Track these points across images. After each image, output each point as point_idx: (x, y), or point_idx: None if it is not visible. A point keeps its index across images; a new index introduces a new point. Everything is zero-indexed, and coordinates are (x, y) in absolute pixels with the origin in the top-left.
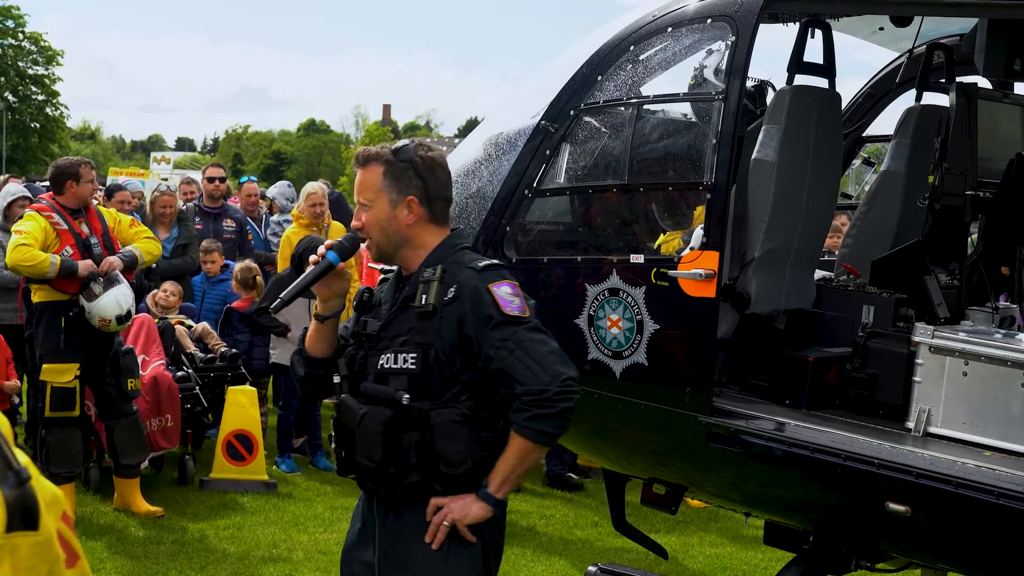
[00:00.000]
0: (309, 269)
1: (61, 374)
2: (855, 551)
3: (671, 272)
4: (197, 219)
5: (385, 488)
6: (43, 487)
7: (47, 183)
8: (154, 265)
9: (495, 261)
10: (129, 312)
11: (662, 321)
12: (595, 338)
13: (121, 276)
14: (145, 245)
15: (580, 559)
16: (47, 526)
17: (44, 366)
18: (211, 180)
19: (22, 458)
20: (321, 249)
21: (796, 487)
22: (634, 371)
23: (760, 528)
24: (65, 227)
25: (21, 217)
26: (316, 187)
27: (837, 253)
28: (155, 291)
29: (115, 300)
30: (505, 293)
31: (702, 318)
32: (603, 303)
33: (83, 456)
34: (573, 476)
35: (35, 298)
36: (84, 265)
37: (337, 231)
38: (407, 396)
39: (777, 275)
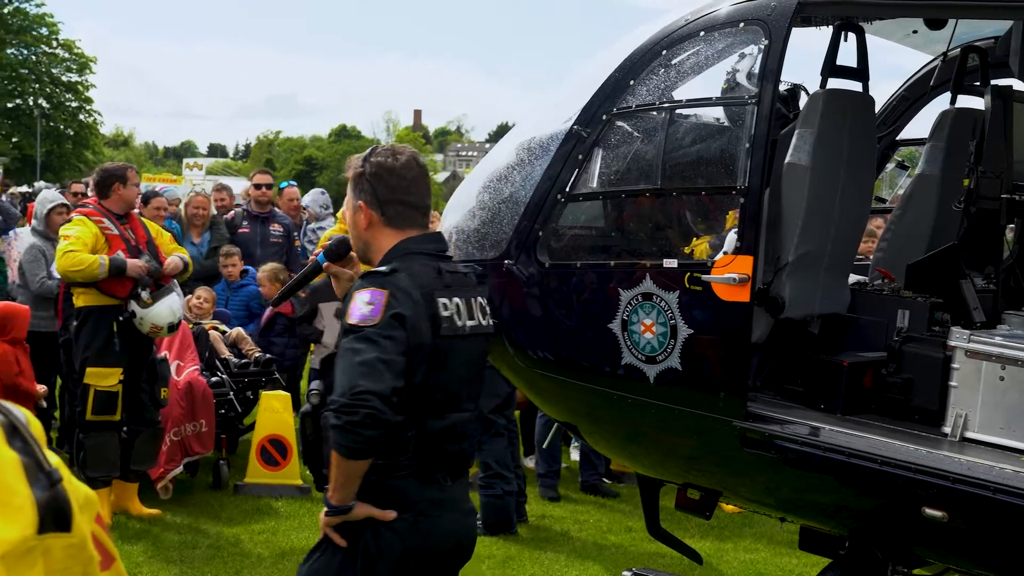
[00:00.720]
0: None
1: (105, 378)
2: (891, 557)
3: (705, 277)
4: (245, 223)
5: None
6: (76, 489)
7: (81, 187)
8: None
9: (384, 268)
10: (180, 320)
11: (696, 326)
12: (629, 343)
13: (175, 283)
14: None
15: (614, 564)
16: (80, 528)
17: (88, 369)
18: (258, 187)
19: (54, 460)
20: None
21: (831, 492)
22: (668, 376)
23: (795, 533)
24: (115, 232)
25: (66, 222)
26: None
27: (872, 257)
28: (189, 297)
29: (168, 308)
30: (360, 301)
31: (736, 323)
32: (637, 308)
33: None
34: (607, 481)
35: (79, 302)
36: (133, 264)
37: None
38: (314, 400)
39: (811, 279)
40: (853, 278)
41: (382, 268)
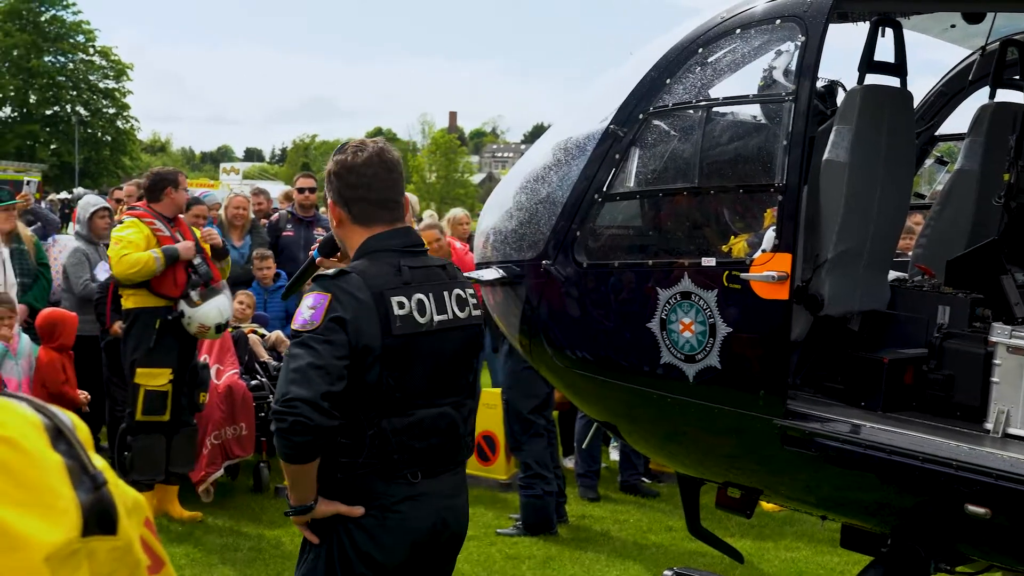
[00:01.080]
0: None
1: (155, 378)
2: (934, 554)
3: (743, 275)
4: (289, 226)
5: None
6: (124, 493)
7: (122, 194)
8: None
9: (332, 271)
10: (228, 322)
11: (735, 324)
12: (668, 342)
13: (225, 285)
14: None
15: (655, 564)
16: (126, 531)
17: (138, 370)
18: (301, 191)
19: (99, 463)
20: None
21: (873, 490)
22: (707, 374)
23: (837, 531)
24: (167, 234)
25: (117, 224)
26: (433, 220)
27: (911, 253)
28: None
29: (217, 308)
30: (304, 305)
31: (775, 321)
32: (675, 307)
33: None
34: (646, 481)
35: (127, 303)
36: (183, 247)
37: None
38: None
39: (850, 276)
40: (893, 274)
41: (331, 270)
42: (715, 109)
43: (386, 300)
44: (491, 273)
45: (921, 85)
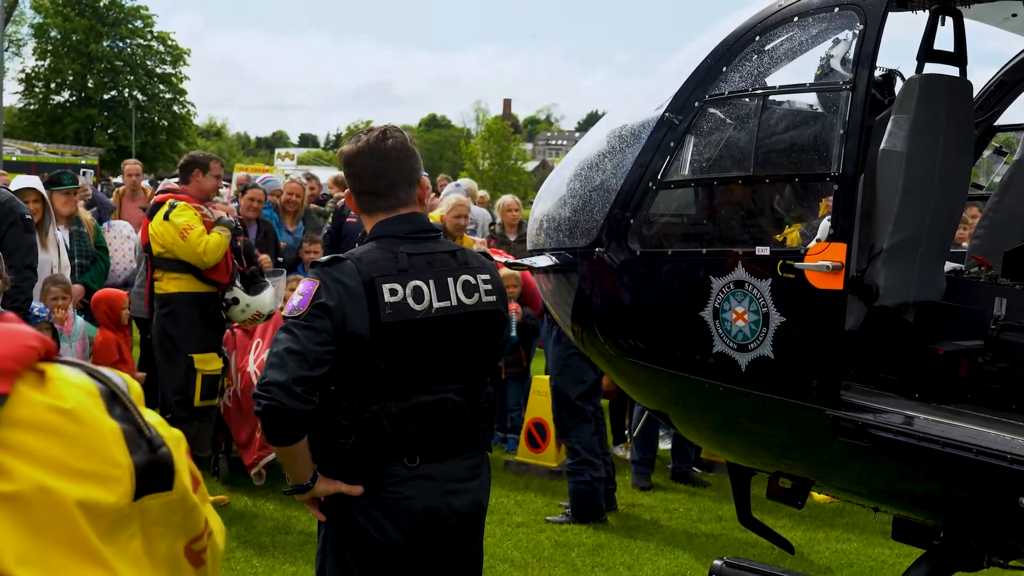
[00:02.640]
0: None
1: (209, 362)
2: (987, 548)
3: (797, 264)
4: (353, 212)
5: None
6: (168, 432)
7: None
8: (280, 258)
9: (325, 258)
10: (268, 313)
11: (788, 314)
12: (720, 331)
13: (275, 275)
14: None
15: (704, 553)
16: (182, 482)
17: (195, 356)
18: None
19: (153, 420)
20: None
21: (926, 482)
22: (760, 364)
23: (888, 523)
24: (212, 218)
25: (170, 210)
26: (462, 199)
27: (968, 244)
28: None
29: (272, 296)
30: (296, 291)
31: (829, 311)
32: (728, 296)
33: (212, 447)
34: (696, 470)
35: (170, 288)
36: (223, 208)
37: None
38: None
39: (906, 267)
40: (949, 266)
41: (324, 258)
42: (771, 98)
43: (376, 287)
44: (544, 260)
45: (981, 75)
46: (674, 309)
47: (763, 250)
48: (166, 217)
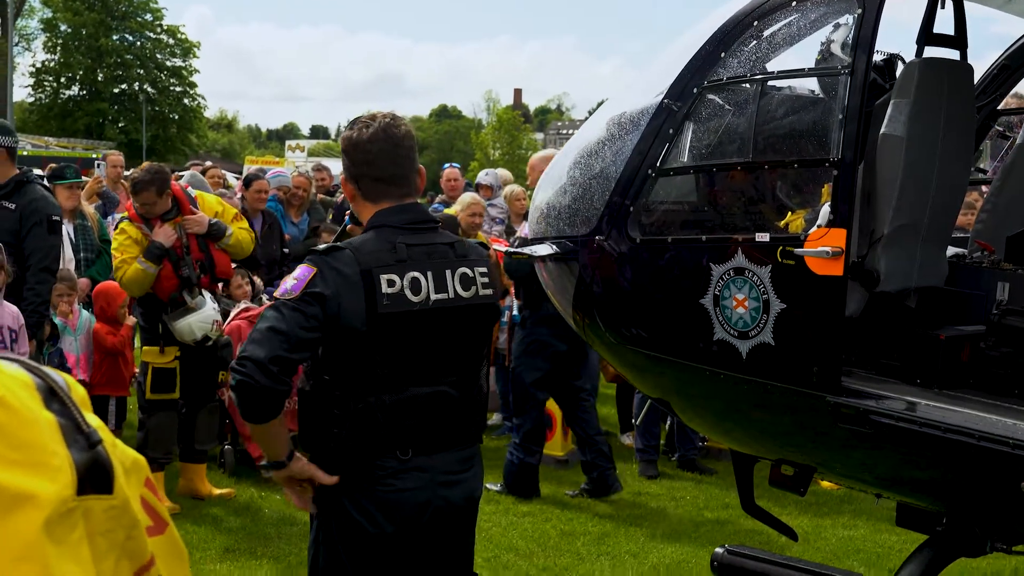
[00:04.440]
0: None
1: (160, 355)
2: (990, 533)
3: (797, 251)
4: None
5: None
6: (123, 452)
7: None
8: (286, 250)
9: (323, 246)
10: (207, 337)
11: (789, 300)
12: (721, 318)
13: (207, 300)
14: (239, 233)
15: (710, 541)
16: (123, 490)
17: (145, 348)
18: None
19: (94, 422)
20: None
21: (928, 468)
22: (760, 351)
23: (893, 509)
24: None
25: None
26: (477, 197)
27: (971, 230)
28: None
29: (189, 326)
30: (291, 275)
31: (830, 297)
32: (728, 283)
33: (218, 439)
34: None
35: None
36: (163, 232)
37: None
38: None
39: (907, 252)
40: (951, 250)
41: (320, 247)
42: (771, 83)
43: (374, 277)
44: (544, 248)
45: (984, 59)
46: (674, 297)
47: (763, 237)
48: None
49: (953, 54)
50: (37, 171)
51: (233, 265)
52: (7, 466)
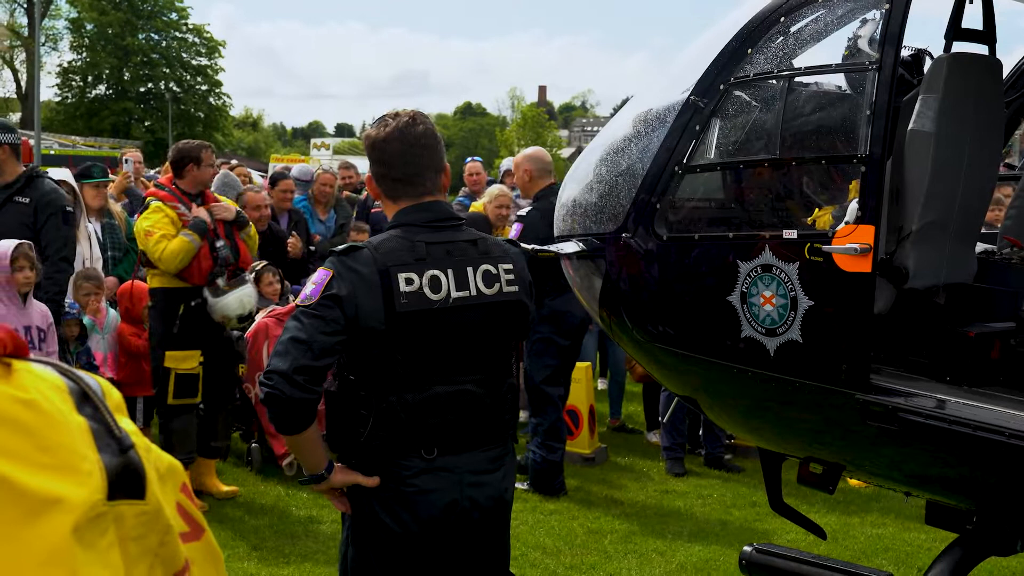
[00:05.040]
0: None
1: (184, 361)
2: (1021, 532)
3: (825, 247)
4: (378, 202)
5: None
6: (158, 457)
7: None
8: (313, 247)
9: (341, 247)
10: (251, 313)
11: (817, 297)
12: (748, 315)
13: (248, 277)
14: (253, 232)
15: (738, 539)
16: (155, 496)
17: (167, 353)
18: None
19: (127, 426)
20: None
21: (958, 466)
22: (788, 348)
23: (922, 507)
24: (189, 216)
25: (143, 209)
26: (505, 189)
27: (1000, 225)
28: None
29: (239, 300)
30: (310, 279)
31: (858, 294)
32: (756, 280)
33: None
34: (735, 448)
35: (153, 283)
36: (202, 211)
37: None
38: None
39: (936, 249)
40: (980, 247)
41: (341, 247)
42: (798, 79)
43: (391, 276)
44: (571, 246)
45: (1014, 54)
46: (701, 294)
47: (790, 233)
48: (141, 214)
49: (982, 49)
50: (56, 170)
51: (263, 263)
52: (36, 469)
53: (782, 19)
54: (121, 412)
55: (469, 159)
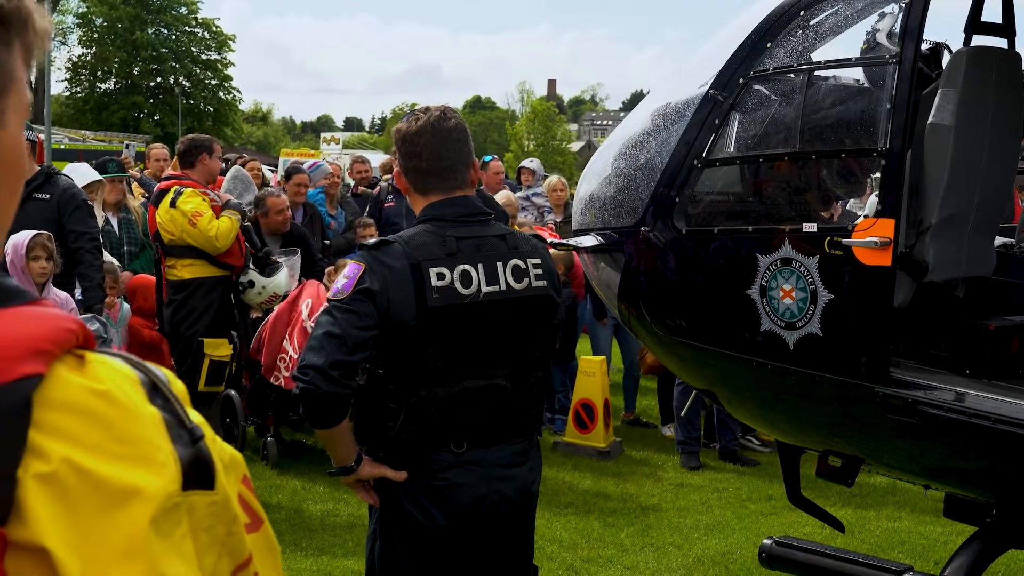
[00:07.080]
0: None
1: (218, 348)
2: None
3: (845, 241)
4: (390, 197)
5: None
6: (221, 448)
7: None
8: (327, 241)
9: (372, 241)
10: (284, 295)
11: (836, 291)
12: (768, 309)
13: (282, 261)
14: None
15: (755, 532)
16: (224, 486)
17: (206, 340)
18: None
19: (196, 418)
20: None
21: (977, 459)
22: (808, 342)
23: (940, 501)
24: (219, 202)
25: (175, 197)
26: (510, 197)
27: (1019, 219)
28: (330, 268)
29: (288, 276)
30: (341, 273)
31: (878, 287)
32: (775, 273)
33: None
34: (754, 441)
35: (186, 274)
36: (236, 203)
37: None
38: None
39: (955, 242)
40: (999, 240)
41: (371, 241)
42: (817, 73)
43: (423, 271)
44: (589, 240)
45: None
46: (721, 288)
47: (810, 227)
48: (172, 204)
49: (1001, 42)
50: (78, 165)
51: (284, 258)
52: (114, 460)
53: (801, 13)
54: (187, 403)
55: (489, 157)
